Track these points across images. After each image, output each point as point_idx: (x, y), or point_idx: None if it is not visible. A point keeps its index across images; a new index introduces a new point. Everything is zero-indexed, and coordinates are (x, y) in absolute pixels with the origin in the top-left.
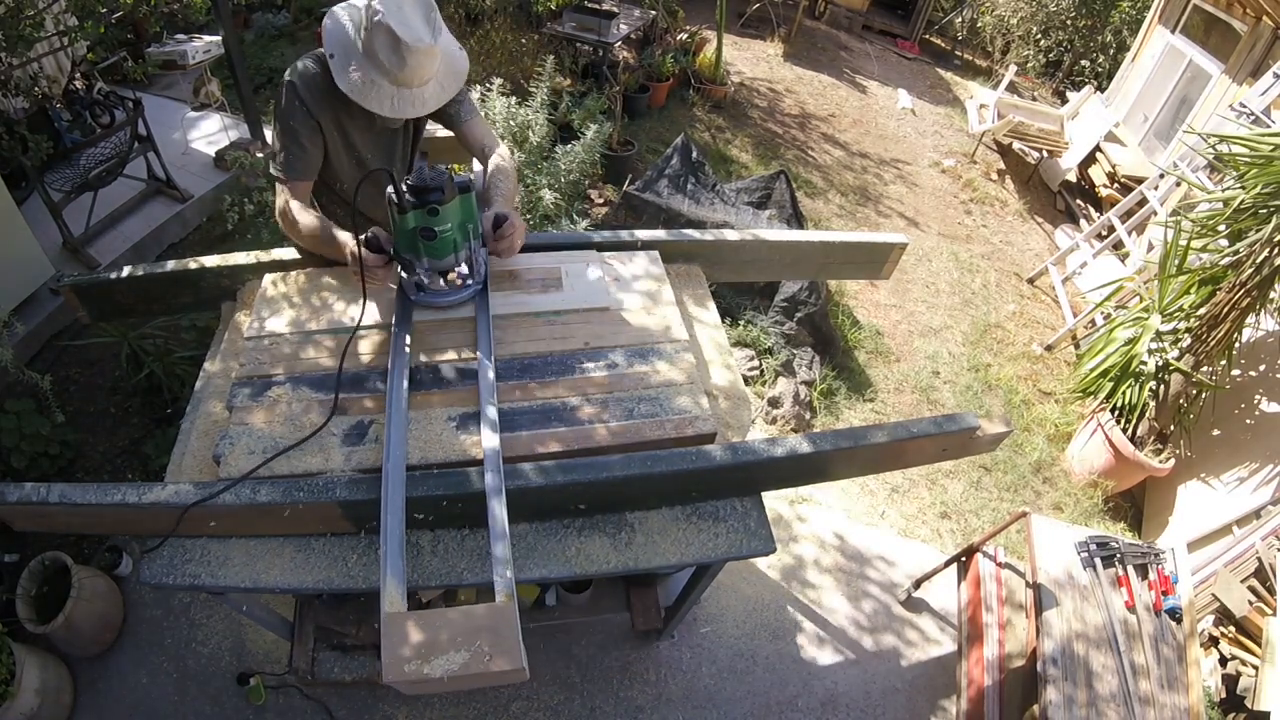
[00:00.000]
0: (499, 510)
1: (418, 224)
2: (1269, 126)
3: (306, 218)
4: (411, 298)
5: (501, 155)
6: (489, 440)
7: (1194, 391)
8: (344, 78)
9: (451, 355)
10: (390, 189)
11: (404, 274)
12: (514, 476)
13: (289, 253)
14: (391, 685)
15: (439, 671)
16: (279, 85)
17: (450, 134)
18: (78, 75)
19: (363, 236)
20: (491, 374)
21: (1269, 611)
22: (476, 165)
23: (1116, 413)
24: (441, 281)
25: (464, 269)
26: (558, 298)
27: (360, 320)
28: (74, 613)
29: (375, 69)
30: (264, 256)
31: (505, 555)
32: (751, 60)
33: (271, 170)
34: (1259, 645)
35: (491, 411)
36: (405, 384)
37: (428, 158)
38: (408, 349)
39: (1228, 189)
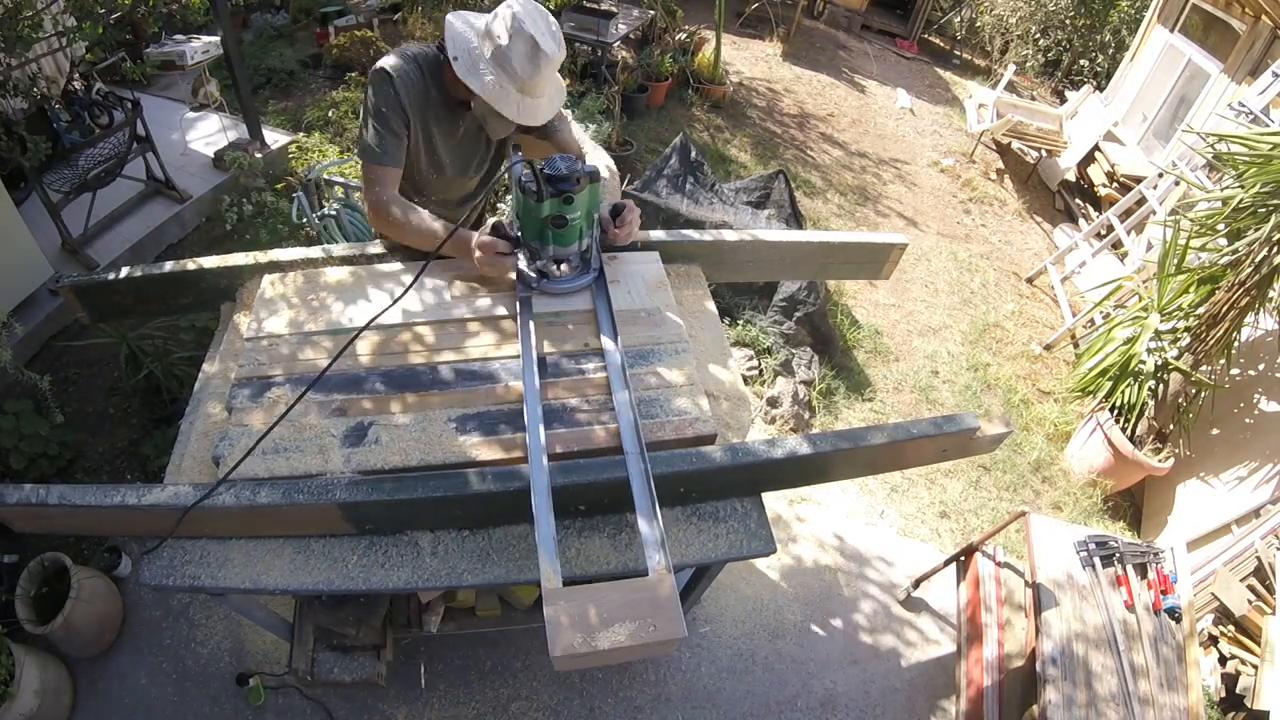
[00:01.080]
0: (644, 492)
1: (552, 212)
2: (1268, 125)
3: (413, 213)
4: (534, 285)
5: (603, 158)
6: (627, 426)
7: (1193, 391)
8: (476, 79)
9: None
10: (527, 177)
11: (523, 263)
12: (512, 478)
13: (288, 253)
14: (555, 661)
15: (606, 643)
16: (372, 75)
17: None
18: (76, 76)
19: (486, 224)
20: (619, 358)
21: (1268, 610)
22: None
23: (1115, 412)
24: (558, 269)
25: (582, 253)
26: (558, 299)
27: (404, 293)
28: (73, 613)
29: (504, 74)
30: (262, 257)
31: (655, 534)
32: (750, 60)
33: (364, 164)
34: (1258, 644)
35: (623, 397)
36: (536, 373)
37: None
38: (532, 335)
39: (1226, 188)
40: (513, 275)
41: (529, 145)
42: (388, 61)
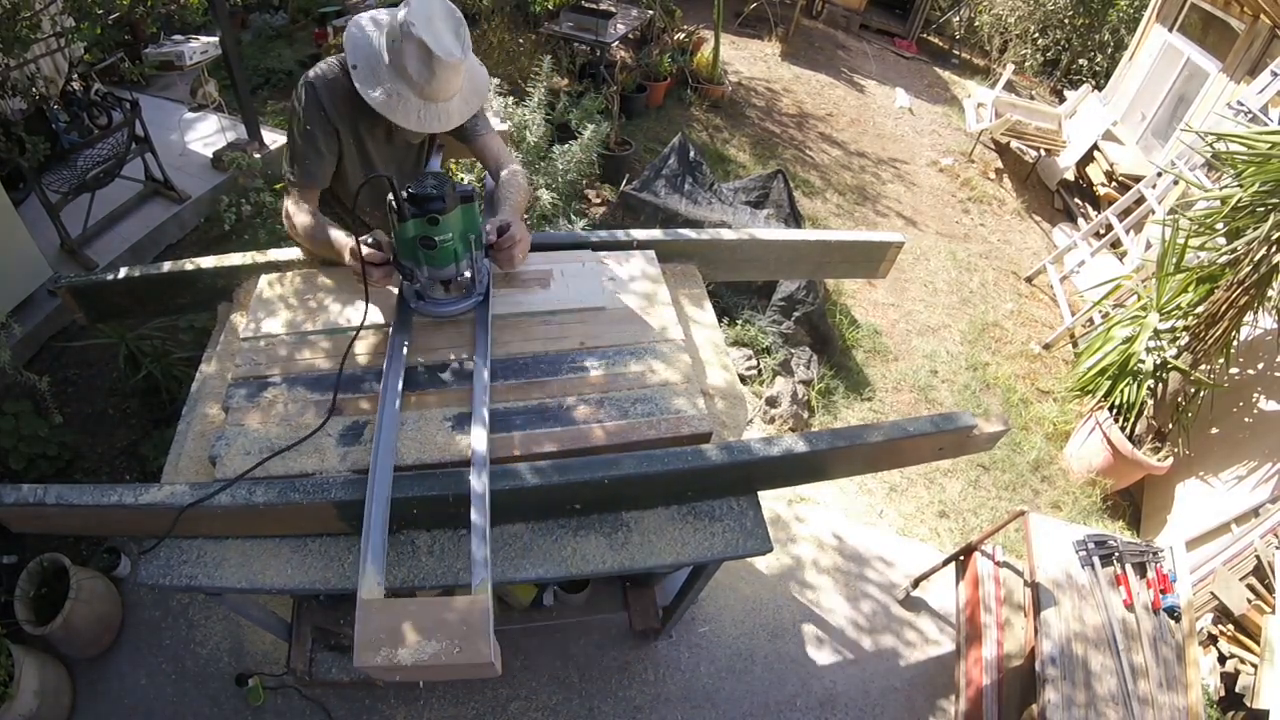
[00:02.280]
0: (482, 508)
1: (418, 233)
2: (1266, 125)
3: (304, 218)
4: (411, 305)
5: (515, 170)
6: (478, 440)
7: (1192, 390)
8: (369, 89)
9: (450, 356)
10: (390, 197)
11: (405, 281)
12: (509, 477)
13: (285, 254)
14: (362, 670)
15: (409, 660)
16: (298, 86)
17: None
18: (75, 76)
19: (364, 238)
20: (486, 376)
21: (1267, 610)
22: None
23: (1115, 411)
24: (442, 290)
25: (466, 276)
26: (553, 297)
27: (363, 321)
28: (72, 614)
29: (402, 81)
30: (260, 257)
31: (484, 554)
32: (749, 60)
33: (284, 173)
34: (1257, 643)
35: (484, 413)
36: (399, 386)
37: (442, 156)
38: (404, 354)
39: (1225, 187)
40: (394, 290)
41: (452, 146)
42: (315, 72)
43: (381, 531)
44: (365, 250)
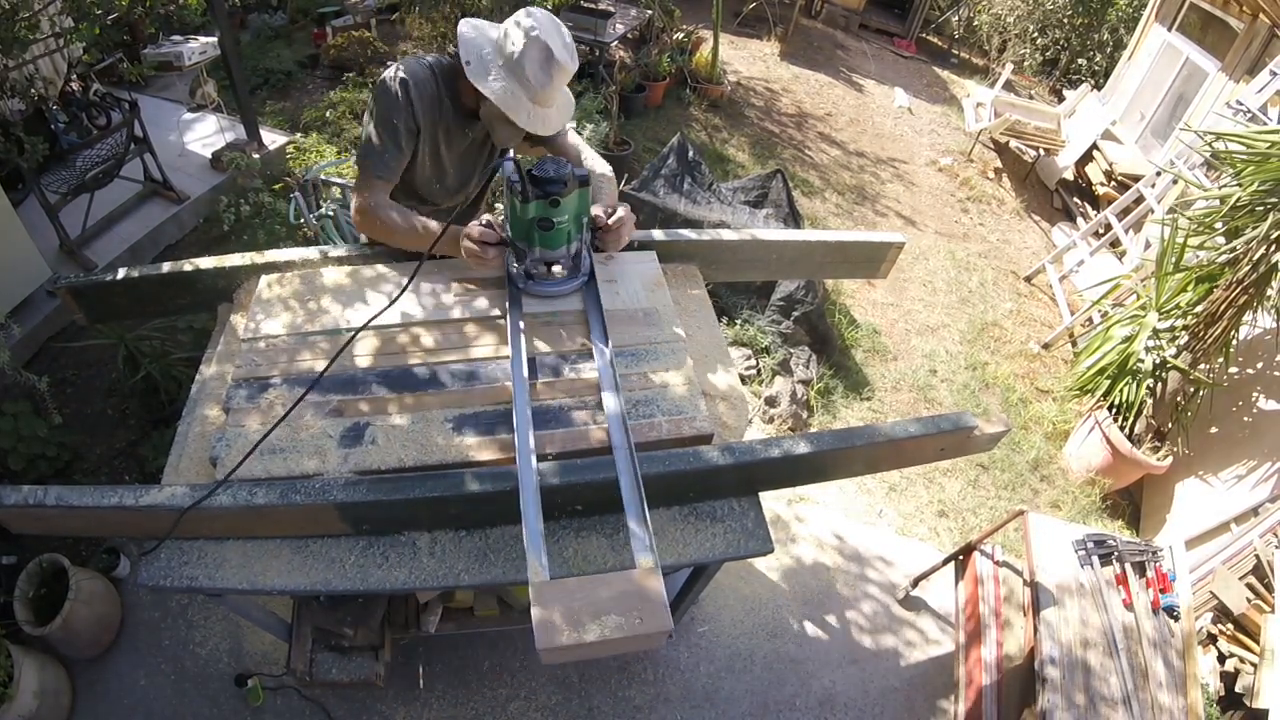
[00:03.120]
0: (633, 489)
1: (538, 214)
2: (1265, 124)
3: (391, 211)
4: (520, 286)
5: (601, 164)
6: (616, 426)
7: (1191, 389)
8: (487, 84)
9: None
10: (514, 178)
11: (514, 263)
12: (509, 478)
13: (285, 254)
14: (542, 653)
15: (593, 635)
16: (387, 81)
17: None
18: (74, 77)
19: (477, 220)
20: (610, 360)
21: (1267, 609)
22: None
23: (1114, 410)
24: (546, 271)
25: (572, 258)
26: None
27: (400, 293)
28: (72, 615)
29: (517, 83)
30: (259, 258)
31: (642, 528)
32: (748, 59)
33: (361, 168)
34: (1257, 642)
35: (611, 398)
36: (525, 370)
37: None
38: (523, 334)
39: (1224, 186)
40: (499, 269)
41: (528, 151)
42: (405, 69)
43: (537, 519)
44: (480, 230)
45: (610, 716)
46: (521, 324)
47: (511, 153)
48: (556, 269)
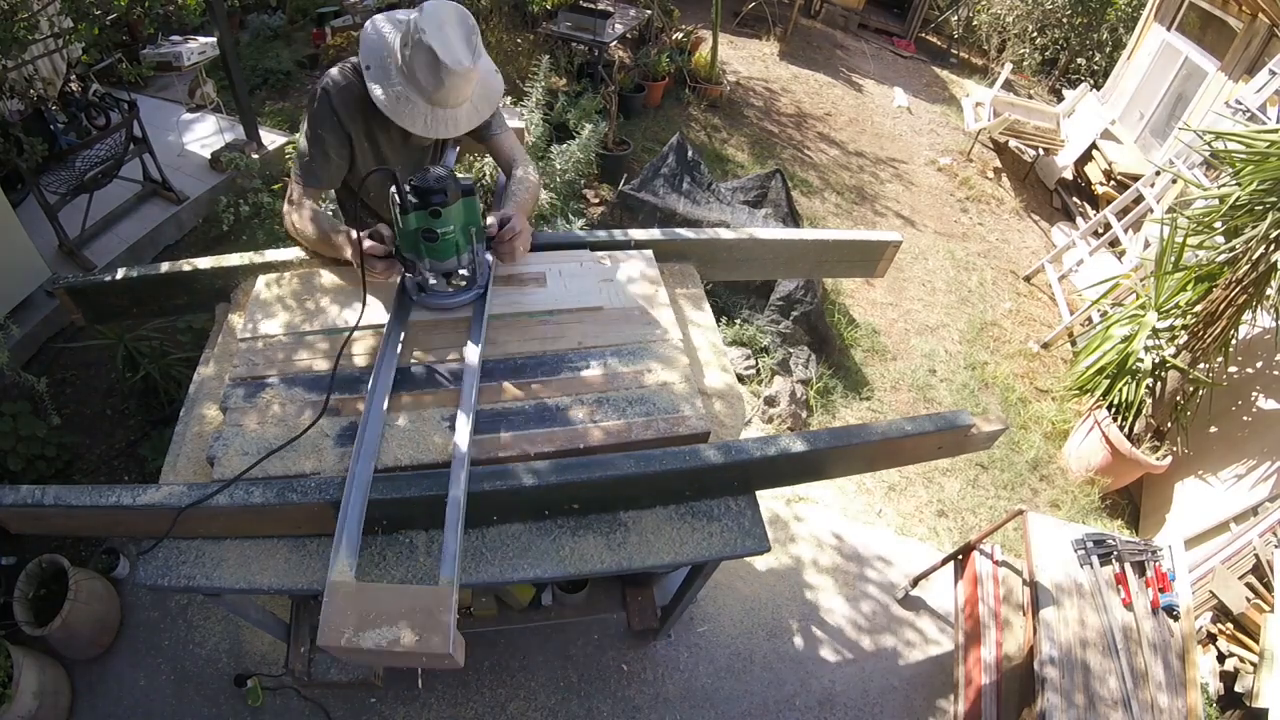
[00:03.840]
0: (458, 503)
1: (420, 225)
2: (1264, 123)
3: (302, 215)
4: (413, 298)
5: (527, 171)
6: (462, 436)
7: (1191, 388)
8: (379, 91)
9: (451, 355)
10: (393, 189)
11: (407, 274)
12: (507, 477)
13: (283, 254)
14: (324, 650)
15: (370, 643)
16: (314, 90)
17: None
18: (73, 77)
19: (365, 232)
20: (478, 363)
21: (1266, 608)
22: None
23: (1113, 410)
24: (445, 283)
25: (466, 269)
26: (551, 298)
27: (359, 320)
28: (71, 615)
29: (412, 86)
30: (257, 258)
31: (454, 548)
32: (747, 59)
33: (292, 170)
34: (1256, 642)
35: (471, 401)
36: (391, 376)
37: (458, 153)
38: (400, 345)
39: (1223, 186)
40: (394, 279)
41: (468, 145)
42: (328, 76)
43: (358, 515)
44: (367, 243)
45: (610, 717)
46: (402, 334)
47: (452, 157)
48: (450, 279)
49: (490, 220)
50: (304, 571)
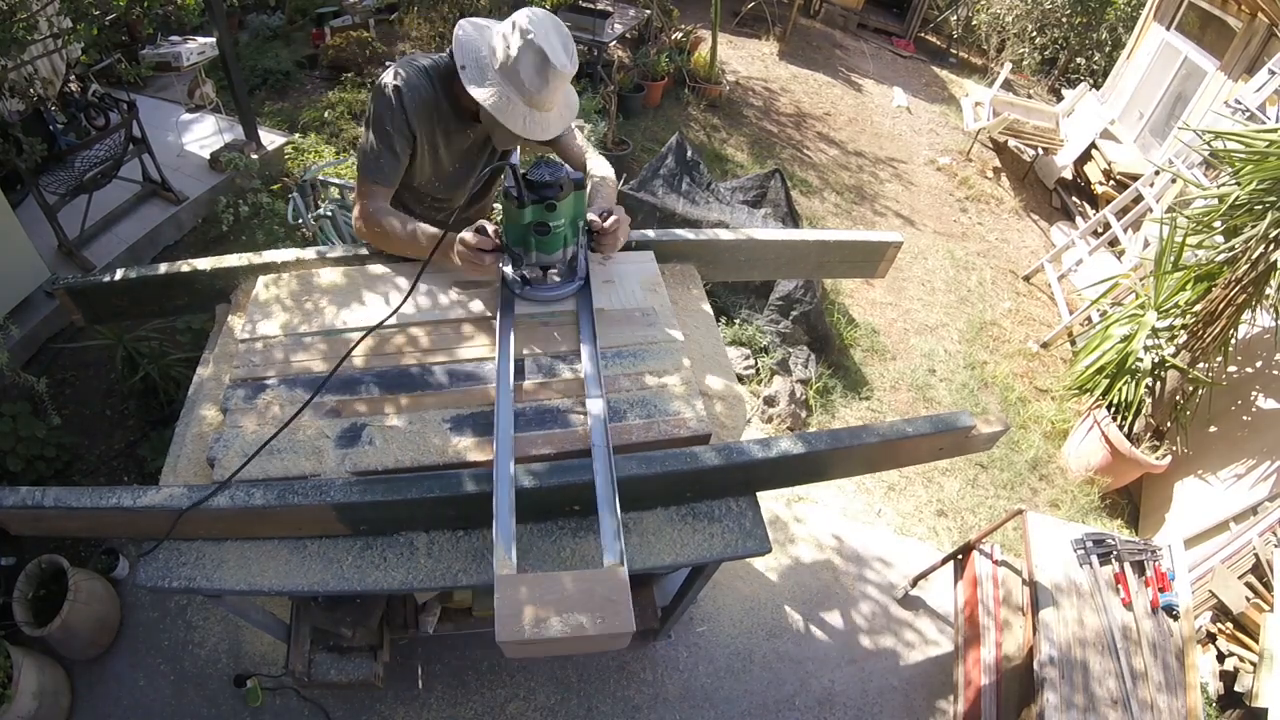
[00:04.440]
0: (607, 489)
1: (534, 218)
2: (1264, 123)
3: (391, 218)
4: (516, 292)
5: (602, 166)
6: (598, 427)
7: (1190, 388)
8: (481, 90)
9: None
10: (510, 183)
11: (508, 269)
12: None
13: (282, 255)
14: (502, 645)
15: (557, 630)
16: (381, 89)
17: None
18: (72, 77)
19: (471, 226)
20: (596, 364)
21: (1266, 608)
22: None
23: (1113, 410)
24: (543, 276)
25: (568, 262)
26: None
27: (400, 306)
28: (71, 616)
29: (512, 87)
30: (257, 259)
31: (615, 527)
32: (746, 59)
33: (361, 172)
34: (1256, 641)
35: (597, 400)
36: (511, 369)
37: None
38: (512, 340)
39: (1223, 185)
40: (495, 275)
41: (535, 146)
42: (398, 75)
43: (509, 512)
44: (475, 238)
45: (609, 716)
46: (512, 330)
47: (517, 155)
48: (551, 273)
49: (592, 214)
50: (305, 573)
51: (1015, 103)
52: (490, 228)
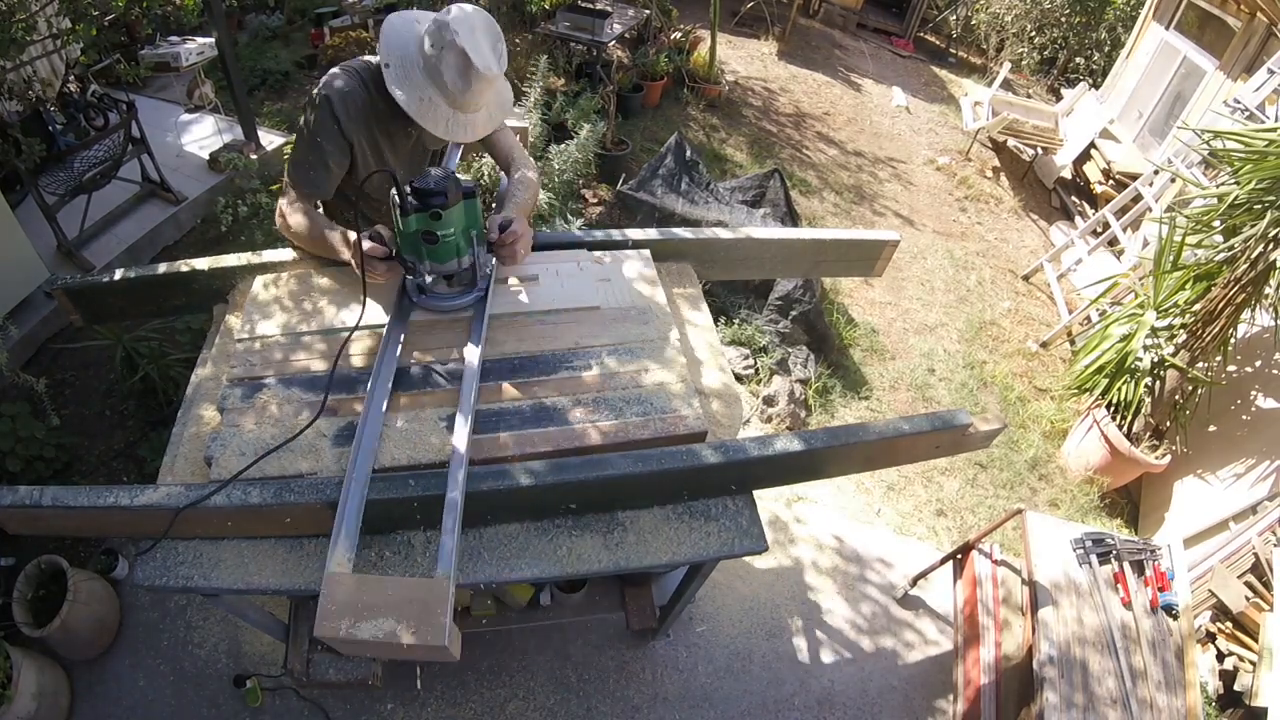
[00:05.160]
0: (456, 504)
1: (420, 227)
2: (1263, 122)
3: (299, 217)
4: (413, 299)
5: (527, 173)
6: (460, 437)
7: (1189, 387)
8: (401, 91)
9: (451, 355)
10: (393, 191)
11: (407, 276)
12: (504, 476)
13: (280, 254)
14: (320, 640)
15: (367, 634)
16: (313, 97)
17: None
18: (71, 78)
19: (365, 233)
20: (478, 364)
21: (1265, 607)
22: (504, 177)
23: (1112, 409)
24: (445, 284)
25: (466, 271)
26: (548, 297)
27: (359, 321)
28: (70, 616)
29: (436, 89)
30: (255, 259)
31: (451, 543)
32: (746, 59)
33: (287, 176)
34: (1256, 640)
35: (470, 402)
36: (391, 376)
37: (460, 153)
38: (399, 346)
39: (1222, 185)
40: (394, 281)
41: (466, 147)
42: (330, 83)
43: (356, 509)
44: (367, 244)
45: (609, 716)
46: (402, 335)
47: (457, 153)
48: (449, 282)
49: (490, 224)
50: (302, 572)
51: (1014, 102)
52: (386, 234)
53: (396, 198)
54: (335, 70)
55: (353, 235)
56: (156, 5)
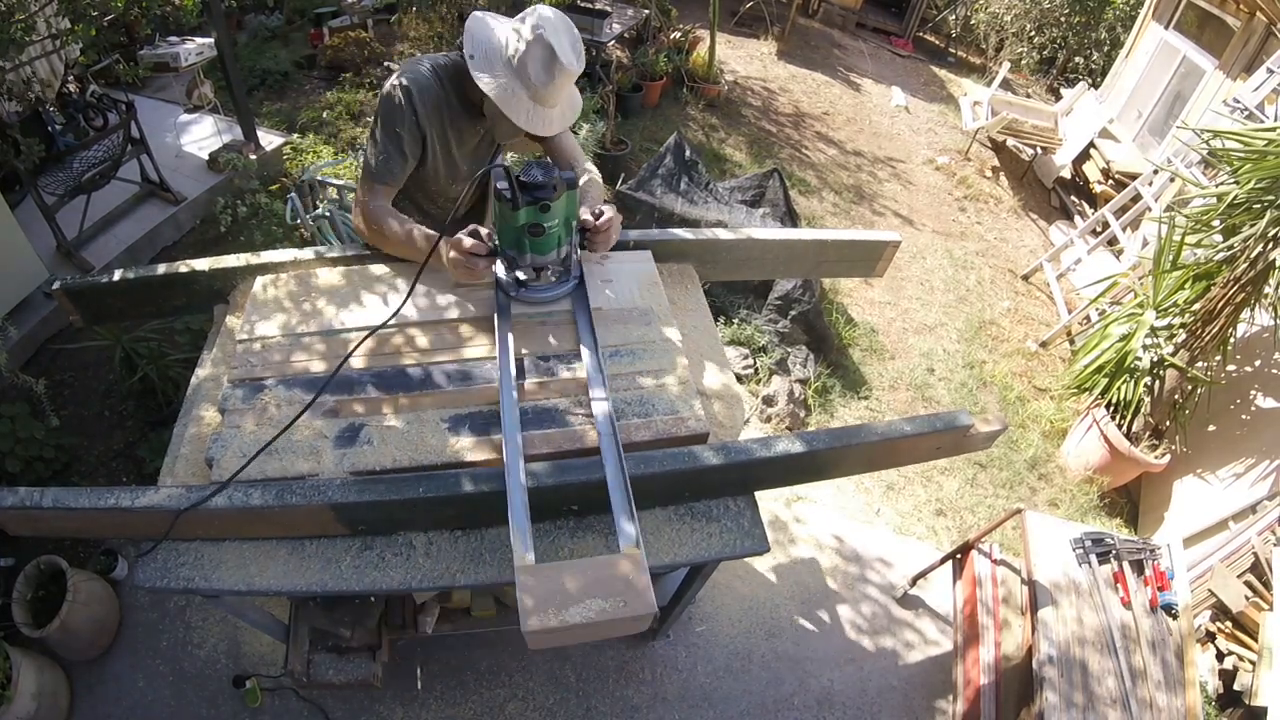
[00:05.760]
0: (619, 486)
1: (528, 220)
2: (1262, 122)
3: (389, 220)
4: (511, 294)
5: (590, 169)
6: (604, 424)
7: (1189, 387)
8: (487, 80)
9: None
10: (503, 185)
11: (502, 271)
12: (504, 479)
13: (280, 255)
14: (527, 636)
15: (578, 617)
16: (390, 88)
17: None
18: (70, 78)
19: (463, 231)
20: (599, 361)
21: (1265, 607)
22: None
23: (1111, 409)
24: (537, 277)
25: (562, 263)
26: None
27: (398, 309)
28: (70, 616)
29: (519, 81)
30: (255, 259)
31: (627, 512)
32: (745, 59)
33: (365, 170)
34: (1255, 640)
35: (601, 398)
36: (513, 371)
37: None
38: (510, 342)
39: (1222, 184)
40: (489, 279)
41: (524, 146)
42: (408, 76)
43: (524, 509)
44: (470, 242)
45: (608, 716)
46: (510, 332)
47: (508, 158)
48: (545, 273)
49: (584, 213)
50: (303, 573)
51: (1014, 102)
52: (484, 231)
53: (506, 191)
54: (406, 66)
55: (450, 236)
56: (156, 5)
